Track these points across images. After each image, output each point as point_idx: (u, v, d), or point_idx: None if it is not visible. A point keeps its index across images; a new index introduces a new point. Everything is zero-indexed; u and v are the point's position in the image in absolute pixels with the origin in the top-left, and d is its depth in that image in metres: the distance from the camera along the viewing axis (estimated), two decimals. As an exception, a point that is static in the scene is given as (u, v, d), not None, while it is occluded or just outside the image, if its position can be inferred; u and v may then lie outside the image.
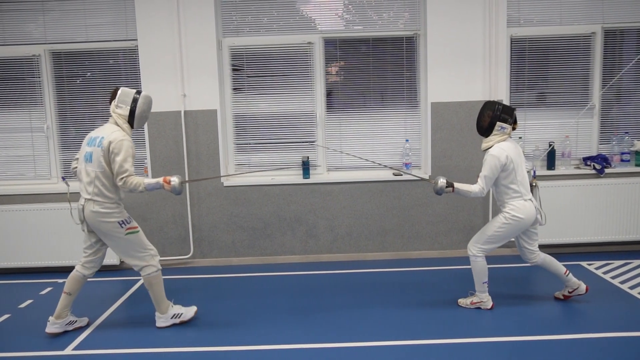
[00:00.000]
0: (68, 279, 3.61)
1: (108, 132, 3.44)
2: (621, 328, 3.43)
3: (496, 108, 3.61)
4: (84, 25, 4.95)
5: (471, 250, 3.75)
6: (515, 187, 3.61)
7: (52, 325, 3.57)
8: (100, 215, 3.42)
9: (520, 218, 3.60)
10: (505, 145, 3.59)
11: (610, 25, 4.93)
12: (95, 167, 3.42)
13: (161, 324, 3.67)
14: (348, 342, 3.37)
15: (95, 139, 3.46)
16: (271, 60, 5.03)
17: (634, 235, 4.91)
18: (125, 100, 3.49)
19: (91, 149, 3.45)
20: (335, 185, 5.02)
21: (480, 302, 3.81)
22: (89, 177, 3.44)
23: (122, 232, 3.47)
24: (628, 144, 5.02)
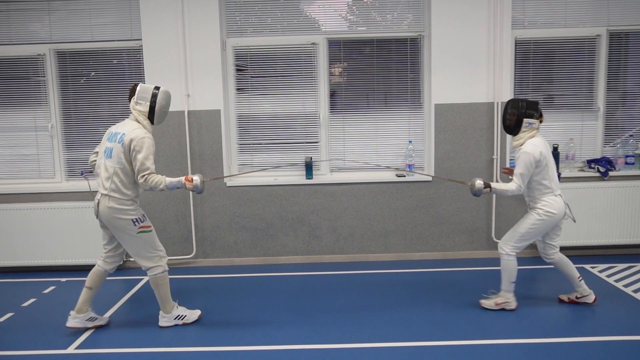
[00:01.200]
0: (90, 274, 3.63)
1: (129, 128, 3.42)
2: (626, 331, 3.41)
3: (520, 105, 3.60)
4: (89, 25, 4.96)
5: (504, 249, 3.73)
6: (546, 183, 3.60)
7: (73, 320, 3.57)
8: (115, 211, 3.41)
9: (553, 214, 3.60)
10: (536, 141, 3.59)
11: (615, 27, 4.91)
12: (114, 163, 3.41)
13: (164, 323, 3.67)
14: (351, 344, 3.37)
15: (116, 135, 3.44)
16: (275, 61, 5.03)
17: (638, 238, 4.89)
18: (145, 97, 3.47)
19: (111, 145, 3.43)
20: (338, 186, 5.02)
21: (505, 302, 3.79)
22: (107, 172, 3.43)
23: (134, 230, 3.46)
24: (632, 147, 5.00)
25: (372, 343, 3.37)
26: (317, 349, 3.32)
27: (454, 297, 4.10)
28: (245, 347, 3.36)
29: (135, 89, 3.50)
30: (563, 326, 3.56)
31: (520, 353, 3.20)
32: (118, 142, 3.40)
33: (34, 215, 4.88)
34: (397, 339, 3.41)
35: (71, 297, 4.36)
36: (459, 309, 3.87)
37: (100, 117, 5.10)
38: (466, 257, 5.06)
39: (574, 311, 3.78)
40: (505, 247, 3.73)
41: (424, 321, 3.68)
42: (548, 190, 3.61)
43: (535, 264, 4.75)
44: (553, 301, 3.96)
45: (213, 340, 3.48)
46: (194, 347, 3.38)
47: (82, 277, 4.76)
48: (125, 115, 5.03)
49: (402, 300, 4.05)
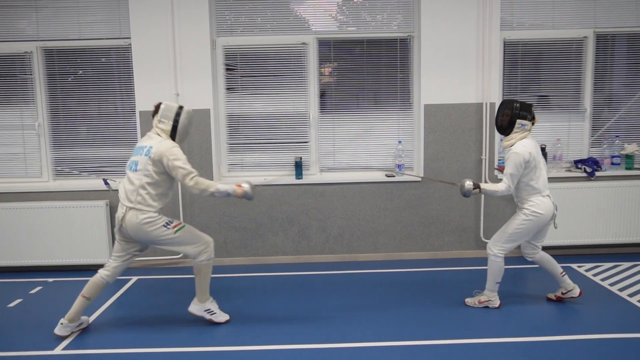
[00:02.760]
0: (89, 284, 3.55)
1: (156, 141, 3.45)
2: (612, 330, 3.45)
3: (514, 106, 3.63)
4: (77, 23, 4.91)
5: (492, 249, 3.76)
6: (534, 184, 3.63)
7: (65, 328, 3.50)
8: (146, 225, 3.40)
9: (540, 214, 3.63)
10: (527, 142, 3.62)
11: (602, 29, 4.97)
12: (141, 175, 3.41)
13: (194, 310, 3.67)
14: (340, 343, 3.37)
15: (142, 148, 3.47)
16: (265, 61, 5.02)
17: (624, 237, 4.96)
18: (168, 115, 3.51)
19: (137, 158, 3.46)
20: (327, 186, 5.02)
21: (488, 300, 3.84)
22: (133, 185, 3.42)
23: (171, 233, 3.46)
24: (618, 148, 5.07)
25: (361, 342, 3.37)
26: (307, 349, 3.32)
27: (443, 296, 4.12)
28: (235, 348, 3.36)
29: (159, 107, 3.54)
30: (549, 324, 3.59)
31: (508, 351, 3.22)
32: (145, 155, 3.42)
33: (21, 215, 4.83)
34: (387, 338, 3.42)
35: (58, 297, 4.35)
36: (448, 308, 3.89)
37: (88, 116, 5.06)
38: (455, 256, 5.09)
39: (560, 309, 3.82)
40: (493, 248, 3.76)
41: (414, 320, 3.69)
42: (535, 191, 3.65)
43: (521, 263, 4.79)
44: (540, 300, 4.00)
45: (202, 340, 3.46)
46: (183, 348, 3.36)
47: (70, 277, 4.78)
48: (112, 115, 5.05)
49: (392, 300, 4.07)
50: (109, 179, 4.06)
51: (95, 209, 4.84)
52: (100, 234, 4.85)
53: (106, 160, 5.10)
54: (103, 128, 5.07)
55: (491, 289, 3.83)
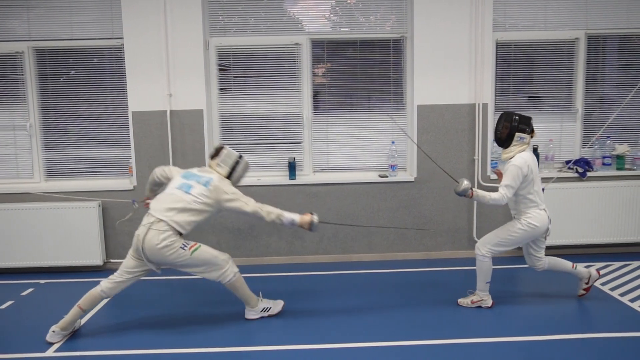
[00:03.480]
0: (87, 296, 3.52)
1: (216, 176, 3.56)
2: (602, 329, 3.48)
3: (513, 119, 3.65)
4: (69, 23, 4.89)
5: (480, 250, 3.78)
6: (532, 197, 3.66)
7: (56, 335, 3.46)
8: (165, 248, 3.38)
9: (536, 226, 3.66)
10: (525, 155, 3.64)
11: (593, 31, 5.01)
12: (190, 199, 3.45)
13: (251, 316, 3.73)
14: (334, 344, 3.38)
15: (199, 177, 3.55)
16: (258, 61, 5.02)
17: (615, 237, 5.00)
18: (227, 162, 3.65)
19: (191, 183, 3.52)
20: (321, 187, 5.02)
21: (480, 300, 3.87)
22: (177, 204, 3.43)
23: (187, 254, 3.45)
24: (609, 148, 5.10)
25: (355, 343, 3.38)
26: (301, 349, 3.32)
27: (437, 296, 4.13)
28: (229, 349, 3.35)
29: (220, 151, 3.67)
30: (541, 324, 3.60)
31: (501, 351, 3.24)
32: (204, 185, 3.49)
33: (12, 216, 4.79)
34: (381, 338, 3.42)
35: (50, 299, 4.33)
36: (441, 308, 3.90)
37: (80, 117, 5.03)
38: (448, 256, 5.11)
39: (552, 309, 3.83)
40: (482, 248, 3.79)
41: (407, 320, 3.70)
42: (533, 204, 3.68)
43: (512, 264, 4.83)
44: (531, 299, 4.02)
45: (195, 342, 3.45)
46: (174, 350, 3.35)
47: (61, 279, 4.75)
48: (104, 115, 5.02)
49: (386, 300, 4.08)
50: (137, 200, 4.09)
51: (88, 209, 4.81)
52: (93, 235, 4.83)
53: (98, 161, 5.08)
54: (95, 129, 5.04)
55: (482, 289, 3.86)
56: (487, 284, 3.83)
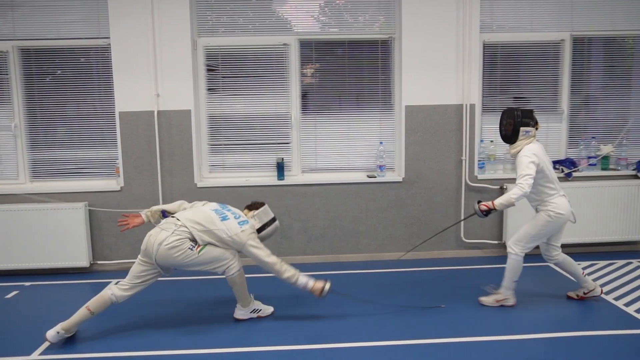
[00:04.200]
0: (97, 298, 3.49)
1: (250, 224, 3.66)
2: (586, 327, 3.54)
3: (516, 115, 3.68)
4: (54, 22, 4.84)
5: (513, 249, 3.77)
6: (551, 185, 3.68)
7: (58, 335, 3.40)
8: (173, 249, 3.42)
9: (562, 214, 3.68)
10: (533, 147, 3.66)
11: (578, 33, 5.07)
12: (219, 228, 3.53)
13: (240, 315, 3.76)
14: (321, 344, 3.38)
15: (236, 214, 3.67)
16: (246, 61, 5.01)
17: (600, 237, 5.06)
18: (263, 219, 3.78)
19: (228, 214, 3.62)
20: (309, 187, 5.02)
21: (505, 299, 3.87)
22: (206, 223, 3.52)
23: (195, 254, 3.48)
24: (595, 149, 5.17)
25: (342, 343, 3.39)
26: (290, 350, 3.33)
27: (425, 296, 4.15)
28: (218, 350, 3.34)
29: (259, 207, 3.81)
30: (528, 323, 3.64)
31: (488, 349, 3.27)
32: (238, 223, 3.60)
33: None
34: (368, 338, 3.44)
35: (35, 302, 4.28)
36: (435, 309, 3.91)
37: (66, 117, 4.98)
38: (436, 256, 5.13)
39: (537, 308, 3.87)
40: (515, 247, 3.77)
41: (395, 321, 3.71)
42: (554, 192, 3.70)
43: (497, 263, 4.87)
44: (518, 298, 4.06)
45: (182, 343, 3.44)
46: (164, 351, 3.33)
47: (47, 281, 4.70)
48: (91, 115, 4.98)
49: (374, 300, 4.08)
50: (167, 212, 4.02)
51: (74, 211, 4.77)
52: (79, 237, 4.78)
53: (85, 161, 5.03)
54: (82, 129, 5.00)
55: (508, 287, 3.85)
56: (514, 282, 3.83)
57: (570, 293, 4.04)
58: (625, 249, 5.16)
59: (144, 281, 3.56)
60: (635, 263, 4.82)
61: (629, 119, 5.20)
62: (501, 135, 3.80)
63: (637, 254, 5.08)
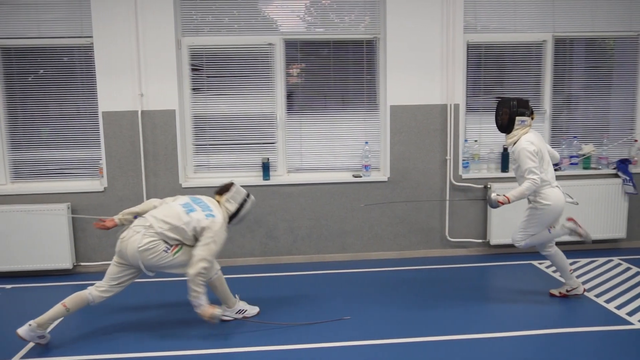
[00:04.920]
0: (74, 296, 3.42)
1: (221, 218, 3.50)
2: (568, 324, 3.59)
3: (511, 104, 3.70)
4: (35, 20, 4.76)
5: (517, 241, 3.86)
6: (543, 176, 3.70)
7: (30, 332, 3.30)
8: (147, 252, 3.37)
9: (549, 204, 3.71)
10: (529, 136, 3.69)
11: (560, 34, 5.13)
12: (186, 221, 3.42)
13: (225, 317, 3.67)
14: (308, 344, 3.39)
15: (206, 206, 3.53)
16: (231, 61, 4.99)
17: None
18: (237, 198, 3.66)
19: (198, 209, 3.49)
20: (295, 187, 5.02)
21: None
22: (173, 219, 3.43)
23: (170, 256, 3.43)
24: (576, 148, 5.24)
25: (329, 343, 3.39)
26: (276, 350, 3.33)
27: (411, 295, 4.18)
28: (201, 351, 3.33)
29: (230, 188, 3.68)
30: (511, 321, 3.69)
31: (471, 347, 3.30)
32: (206, 216, 3.45)
33: (-23, 219, 4.65)
34: (354, 337, 3.45)
35: (17, 304, 4.22)
36: (415, 306, 3.95)
37: (49, 117, 4.92)
38: (422, 255, 5.17)
39: (519, 306, 3.92)
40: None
41: (381, 320, 3.73)
42: (545, 183, 3.72)
43: (482, 262, 4.92)
44: (500, 295, 4.10)
45: (167, 345, 3.42)
46: (149, 353, 3.32)
47: (29, 283, 4.64)
48: (74, 115, 4.92)
49: (359, 300, 4.10)
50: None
51: (57, 212, 4.70)
52: (62, 238, 4.72)
53: (68, 162, 4.97)
54: (64, 129, 4.94)
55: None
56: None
57: (553, 290, 4.09)
58: (606, 247, 5.24)
59: (121, 283, 3.50)
60: (616, 260, 4.90)
61: (612, 123, 5.28)
62: (497, 124, 3.82)
63: (618, 251, 5.17)
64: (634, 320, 3.63)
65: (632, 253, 5.10)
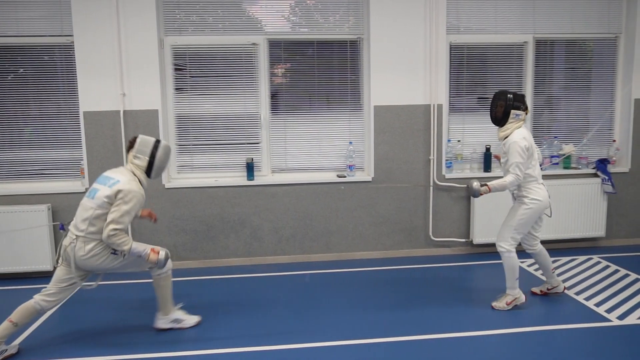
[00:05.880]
0: (20, 309, 3.28)
1: (126, 179, 3.31)
2: (549, 322, 3.65)
3: (508, 97, 3.71)
4: (14, 19, 4.69)
5: (502, 246, 3.78)
6: (531, 172, 3.72)
7: None
8: (94, 257, 3.26)
9: (539, 201, 3.72)
10: (523, 131, 3.71)
11: (540, 35, 5.21)
12: (96, 205, 3.24)
13: (161, 325, 3.57)
14: (293, 344, 3.39)
15: (108, 179, 3.32)
16: (215, 61, 4.96)
17: (562, 234, 5.21)
18: (144, 151, 3.40)
19: (99, 187, 3.30)
20: (279, 187, 5.01)
21: (514, 299, 3.86)
22: (87, 213, 3.25)
23: (119, 257, 3.33)
24: (557, 148, 5.32)
25: (314, 343, 3.40)
26: (259, 351, 3.32)
27: (395, 294, 4.20)
28: (189, 352, 3.31)
29: (135, 142, 3.42)
30: (492, 320, 3.73)
31: (455, 346, 3.33)
32: (108, 187, 3.26)
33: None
34: (340, 337, 3.46)
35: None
36: (399, 306, 3.97)
37: (29, 116, 4.84)
38: (405, 255, 5.20)
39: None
40: (503, 244, 3.79)
41: (365, 319, 3.75)
42: (532, 179, 3.75)
43: (462, 261, 4.96)
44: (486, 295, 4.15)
45: (152, 346, 3.39)
46: (133, 355, 3.28)
47: (8, 286, 4.56)
48: (55, 115, 4.85)
49: (344, 300, 4.11)
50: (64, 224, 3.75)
51: (37, 213, 4.63)
52: (42, 240, 4.65)
53: (48, 162, 4.90)
54: (45, 129, 4.87)
55: (512, 287, 3.84)
56: (516, 280, 3.82)
57: (534, 289, 4.15)
58: (586, 245, 5.34)
59: (70, 284, 3.36)
60: (596, 259, 4.99)
61: (592, 123, 5.37)
62: (491, 117, 3.82)
63: (597, 250, 5.26)
64: (612, 317, 3.70)
65: (611, 251, 5.19)
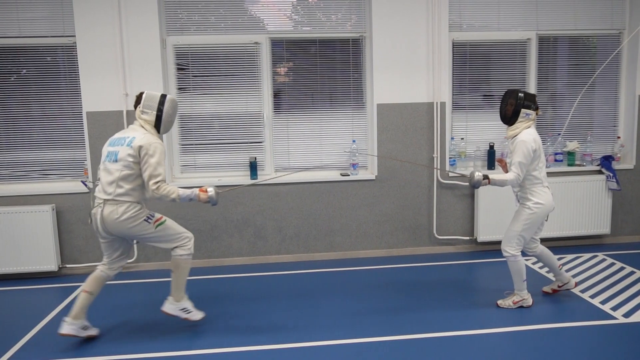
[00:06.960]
0: (90, 278, 3.42)
1: (140, 134, 3.31)
2: (554, 320, 3.64)
3: (519, 96, 3.67)
4: (16, 20, 4.69)
5: (507, 251, 3.75)
6: (537, 174, 3.68)
7: (69, 326, 3.32)
8: (128, 220, 3.26)
9: (543, 204, 3.68)
10: (532, 131, 3.67)
11: (544, 32, 5.18)
12: (121, 166, 3.25)
13: (169, 310, 3.53)
14: (296, 343, 3.38)
15: (123, 139, 3.32)
16: (217, 60, 4.96)
17: (567, 231, 5.19)
18: (151, 105, 3.38)
19: (117, 149, 3.30)
20: (283, 186, 5.01)
21: (522, 299, 3.84)
22: (112, 176, 3.26)
23: (151, 227, 3.35)
24: (561, 145, 5.30)
25: (318, 341, 3.40)
26: (266, 349, 3.32)
27: (399, 293, 4.20)
28: (189, 352, 3.31)
29: (141, 97, 3.41)
30: (499, 318, 3.72)
31: (460, 344, 3.33)
32: (127, 145, 3.27)
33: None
34: (344, 336, 3.46)
35: (1, 308, 4.15)
36: (404, 304, 3.97)
37: (32, 117, 4.85)
38: (409, 253, 5.19)
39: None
40: (508, 249, 3.76)
41: (370, 318, 3.74)
42: (538, 182, 3.70)
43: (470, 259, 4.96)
44: (486, 294, 4.14)
45: (153, 347, 3.40)
46: (134, 354, 3.29)
47: (14, 286, 4.57)
48: (58, 116, 4.86)
49: (348, 298, 4.10)
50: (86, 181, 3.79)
51: (41, 214, 4.64)
52: (47, 240, 4.66)
53: (52, 163, 4.91)
54: (49, 130, 4.87)
55: (520, 288, 3.82)
56: (523, 282, 3.80)
57: (545, 288, 4.12)
58: (591, 243, 5.32)
59: (119, 255, 3.47)
60: (601, 256, 4.97)
61: (596, 120, 5.36)
62: (501, 115, 3.77)
63: (602, 247, 5.24)
64: (618, 315, 3.69)
65: (616, 249, 5.17)
